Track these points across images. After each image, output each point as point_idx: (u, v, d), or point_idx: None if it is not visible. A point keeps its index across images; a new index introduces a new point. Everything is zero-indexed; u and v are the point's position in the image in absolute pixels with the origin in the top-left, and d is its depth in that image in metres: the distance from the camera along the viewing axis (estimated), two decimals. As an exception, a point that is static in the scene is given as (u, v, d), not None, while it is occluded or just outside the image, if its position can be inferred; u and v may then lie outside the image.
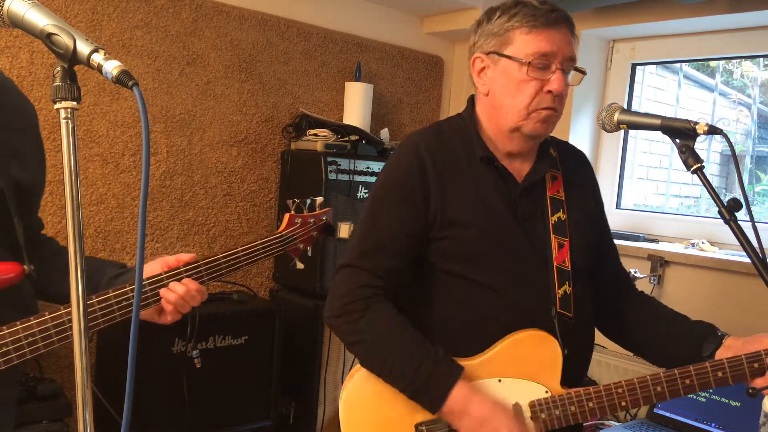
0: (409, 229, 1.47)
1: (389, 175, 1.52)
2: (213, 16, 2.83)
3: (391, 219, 1.47)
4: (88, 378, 0.85)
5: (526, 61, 1.44)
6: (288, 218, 1.62)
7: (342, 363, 2.92)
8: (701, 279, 2.58)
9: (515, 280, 1.48)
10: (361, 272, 1.45)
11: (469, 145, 1.52)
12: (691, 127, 1.39)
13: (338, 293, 1.46)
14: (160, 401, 2.39)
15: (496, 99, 1.50)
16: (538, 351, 1.45)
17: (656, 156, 3.26)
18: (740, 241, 1.35)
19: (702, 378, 1.41)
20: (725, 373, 1.40)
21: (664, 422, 2.30)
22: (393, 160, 1.54)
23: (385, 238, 1.46)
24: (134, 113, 2.66)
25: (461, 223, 1.46)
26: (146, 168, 0.81)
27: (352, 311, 1.43)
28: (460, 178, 1.49)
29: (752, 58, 2.89)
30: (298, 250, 1.64)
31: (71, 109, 0.85)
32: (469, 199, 1.48)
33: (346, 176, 2.84)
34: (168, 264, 1.38)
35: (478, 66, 1.53)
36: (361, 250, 1.47)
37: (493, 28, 1.49)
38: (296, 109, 3.09)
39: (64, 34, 0.86)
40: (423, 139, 1.52)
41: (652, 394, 1.42)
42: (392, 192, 1.49)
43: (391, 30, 3.41)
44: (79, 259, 0.85)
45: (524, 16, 1.45)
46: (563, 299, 1.51)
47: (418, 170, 1.47)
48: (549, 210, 1.55)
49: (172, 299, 1.35)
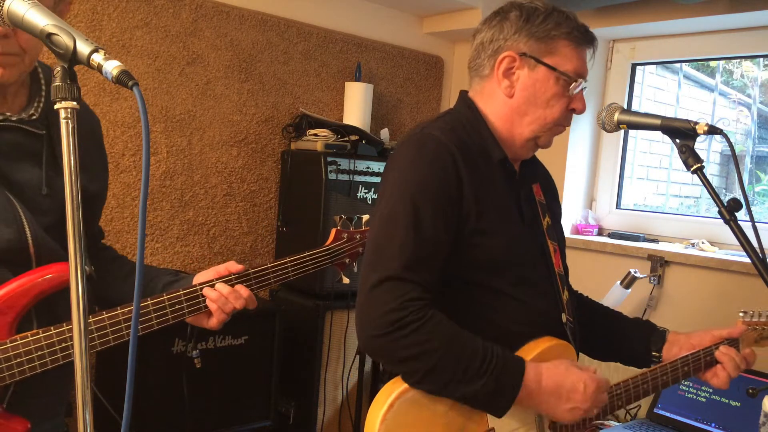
0: (451, 236, 1.33)
1: (422, 174, 1.33)
2: (213, 16, 2.83)
3: (436, 225, 1.31)
4: (88, 378, 0.85)
5: (573, 77, 1.40)
6: (335, 233, 1.63)
7: (342, 363, 2.92)
8: (701, 279, 2.58)
9: (533, 287, 1.45)
10: (408, 285, 1.27)
11: (482, 145, 1.43)
12: (691, 127, 1.39)
13: (383, 309, 1.26)
14: (160, 401, 2.39)
15: (522, 105, 1.42)
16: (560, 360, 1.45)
17: (656, 156, 3.26)
18: (740, 241, 1.35)
19: (674, 374, 1.56)
20: (689, 368, 1.57)
21: (664, 422, 2.30)
22: (419, 158, 1.35)
23: (431, 247, 1.30)
24: (134, 113, 2.66)
25: (490, 230, 1.37)
26: (146, 168, 0.81)
27: (405, 324, 1.24)
28: (483, 181, 1.38)
29: (752, 58, 2.88)
30: (344, 264, 1.66)
31: (71, 109, 0.85)
32: (493, 204, 1.39)
33: (346, 176, 2.84)
34: (219, 272, 1.43)
35: (506, 64, 1.41)
36: (405, 260, 1.28)
37: (536, 31, 1.39)
38: (296, 109, 3.09)
39: (64, 34, 0.86)
40: (446, 137, 1.36)
41: (640, 391, 1.54)
42: (432, 194, 1.31)
43: (391, 30, 3.41)
44: (79, 260, 0.86)
45: (571, 28, 1.40)
46: (568, 305, 1.53)
47: (453, 171, 1.33)
48: (540, 214, 1.55)
49: (213, 296, 1.39)
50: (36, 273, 1.23)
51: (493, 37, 1.43)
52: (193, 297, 1.38)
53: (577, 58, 1.41)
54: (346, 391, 2.94)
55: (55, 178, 1.29)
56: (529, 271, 1.45)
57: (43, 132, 1.29)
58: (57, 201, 1.28)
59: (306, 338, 2.82)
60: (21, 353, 1.21)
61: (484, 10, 3.22)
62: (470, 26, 3.28)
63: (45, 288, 1.23)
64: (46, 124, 1.30)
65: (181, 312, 1.37)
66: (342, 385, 2.92)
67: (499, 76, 1.43)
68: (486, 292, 1.39)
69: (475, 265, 1.38)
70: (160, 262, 2.78)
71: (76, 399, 0.86)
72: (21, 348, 1.21)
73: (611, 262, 2.81)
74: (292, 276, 1.51)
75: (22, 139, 1.26)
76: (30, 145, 1.27)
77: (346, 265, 1.66)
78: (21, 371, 1.21)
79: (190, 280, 1.45)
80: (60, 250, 1.27)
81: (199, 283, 1.40)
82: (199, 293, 1.39)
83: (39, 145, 1.28)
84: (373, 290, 1.28)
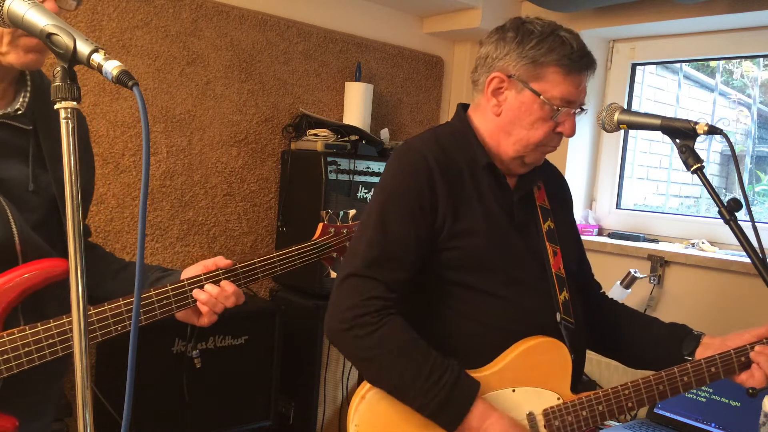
0: (419, 239, 1.40)
1: (396, 182, 1.44)
2: (213, 16, 2.83)
3: (402, 228, 1.39)
4: (88, 378, 0.85)
5: (555, 106, 1.41)
6: (322, 227, 1.63)
7: (342, 363, 2.92)
8: (701, 279, 2.58)
9: (522, 287, 1.47)
10: (371, 282, 1.36)
11: (469, 152, 1.48)
12: (691, 127, 1.39)
13: (345, 305, 1.37)
14: (160, 401, 2.39)
15: (507, 125, 1.46)
16: (549, 358, 1.45)
17: (656, 156, 3.26)
18: (740, 241, 1.35)
19: (698, 374, 1.45)
20: (717, 369, 1.45)
21: (664, 422, 2.30)
22: (398, 168, 1.46)
23: (396, 248, 1.39)
24: (134, 113, 2.66)
25: (469, 232, 1.42)
26: (146, 168, 0.81)
27: (363, 324, 1.34)
28: (465, 187, 1.45)
29: (752, 58, 2.88)
30: (331, 259, 1.66)
31: (71, 109, 0.85)
32: (474, 208, 1.44)
33: (346, 176, 2.84)
34: (207, 267, 1.42)
35: (495, 85, 1.46)
36: (369, 259, 1.37)
37: (526, 55, 1.41)
38: (296, 109, 3.09)
39: (64, 34, 0.86)
40: (427, 147, 1.45)
41: (655, 393, 1.45)
42: (402, 200, 1.41)
43: (391, 30, 3.41)
44: (79, 259, 0.86)
45: (562, 55, 1.40)
46: (565, 305, 1.52)
47: (426, 179, 1.41)
48: (540, 219, 1.56)
49: (203, 298, 1.38)
50: (22, 269, 1.22)
51: (489, 54, 1.48)
52: (181, 292, 1.37)
53: (567, 84, 1.41)
54: (346, 391, 2.94)
55: (41, 174, 1.27)
56: (516, 270, 1.47)
57: (30, 127, 1.28)
58: (43, 198, 1.27)
59: (306, 338, 2.82)
60: (18, 346, 1.20)
61: (484, 10, 3.22)
62: (470, 26, 3.28)
63: (31, 285, 1.22)
64: (32, 120, 1.28)
65: (168, 308, 1.36)
66: (342, 385, 2.92)
67: (488, 94, 1.47)
68: (469, 291, 1.44)
69: (456, 265, 1.43)
70: (160, 262, 2.78)
71: (76, 399, 0.86)
72: (18, 341, 1.20)
73: (611, 262, 2.81)
74: (279, 270, 1.51)
75: (8, 135, 1.25)
76: (16, 142, 1.26)
77: (334, 260, 1.66)
78: (18, 364, 1.20)
79: (178, 275, 1.44)
80: (46, 247, 1.26)
81: (187, 279, 1.39)
82: (187, 289, 1.38)
83: (25, 141, 1.27)
84: (339, 286, 1.40)
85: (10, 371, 1.20)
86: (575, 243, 1.68)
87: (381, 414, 1.38)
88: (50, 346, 1.22)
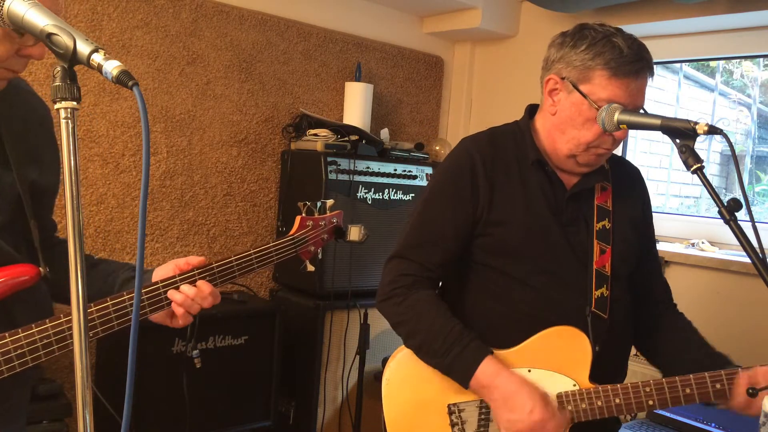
0: (457, 227, 1.56)
1: (441, 176, 1.62)
2: (213, 16, 2.83)
3: (441, 216, 1.57)
4: (88, 378, 0.85)
5: (599, 106, 1.46)
6: (299, 221, 1.62)
7: (342, 363, 2.92)
8: (701, 279, 2.58)
9: (552, 278, 1.54)
10: (408, 262, 1.57)
11: (522, 149, 1.59)
12: (691, 127, 1.39)
13: (386, 280, 1.58)
14: (160, 401, 2.39)
15: (561, 124, 1.54)
16: (568, 346, 1.51)
17: (656, 156, 3.26)
18: (740, 241, 1.35)
19: (731, 383, 1.42)
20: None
21: (664, 422, 2.30)
22: (446, 163, 1.64)
23: (434, 234, 1.57)
24: (134, 113, 2.66)
25: (505, 223, 1.54)
26: (146, 168, 0.81)
27: (396, 295, 1.55)
28: (510, 180, 1.57)
29: (752, 58, 2.88)
30: (309, 252, 1.64)
31: (71, 109, 0.85)
32: (516, 201, 1.55)
33: (346, 176, 2.84)
34: (180, 267, 1.37)
35: (551, 86, 1.56)
36: (409, 243, 1.59)
37: (575, 60, 1.50)
38: (296, 109, 3.09)
39: (64, 34, 0.86)
40: (474, 143, 1.61)
41: (680, 395, 1.44)
42: (443, 191, 1.59)
43: (391, 30, 3.41)
44: (79, 259, 0.85)
45: (609, 59, 1.46)
46: (599, 300, 1.55)
47: (469, 172, 1.56)
48: (595, 217, 1.60)
49: (179, 300, 1.33)
50: None
51: (549, 57, 1.58)
52: (155, 296, 1.32)
53: (614, 87, 1.46)
54: (346, 391, 2.94)
55: (4, 174, 1.21)
56: (549, 262, 1.54)
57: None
58: (6, 200, 1.21)
59: (306, 338, 2.82)
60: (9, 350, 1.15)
61: (484, 10, 3.22)
62: (470, 26, 3.28)
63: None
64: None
65: (142, 311, 1.30)
66: (342, 385, 2.92)
67: (546, 95, 1.58)
68: (499, 275, 1.56)
69: (490, 250, 1.57)
70: (160, 262, 2.77)
71: (76, 399, 0.86)
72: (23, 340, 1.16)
73: (611, 262, 2.81)
74: (256, 267, 1.47)
75: None
76: None
77: (311, 253, 1.63)
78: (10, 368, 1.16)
79: (149, 276, 1.39)
80: (12, 252, 1.21)
81: (161, 280, 1.34)
82: (161, 291, 1.32)
83: None
84: (385, 266, 1.62)
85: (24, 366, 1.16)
86: (638, 247, 1.66)
87: (409, 370, 1.56)
88: (32, 352, 1.17)
